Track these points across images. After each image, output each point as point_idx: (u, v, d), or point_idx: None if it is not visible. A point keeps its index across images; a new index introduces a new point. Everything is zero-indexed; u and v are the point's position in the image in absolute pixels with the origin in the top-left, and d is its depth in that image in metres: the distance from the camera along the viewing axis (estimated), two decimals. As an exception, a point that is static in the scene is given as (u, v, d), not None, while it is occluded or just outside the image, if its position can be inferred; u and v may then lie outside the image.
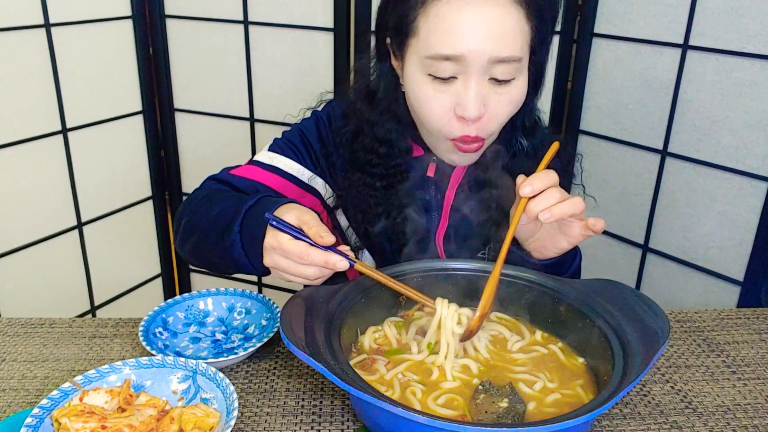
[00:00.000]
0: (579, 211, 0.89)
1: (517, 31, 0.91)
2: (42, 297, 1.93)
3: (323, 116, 1.14)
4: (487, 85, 0.93)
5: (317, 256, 0.83)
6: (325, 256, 0.83)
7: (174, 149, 2.23)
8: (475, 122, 0.93)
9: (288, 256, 0.84)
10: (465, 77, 0.91)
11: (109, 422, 0.75)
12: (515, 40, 0.91)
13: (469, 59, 0.89)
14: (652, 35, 1.68)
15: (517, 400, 0.79)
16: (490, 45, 0.89)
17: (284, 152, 1.12)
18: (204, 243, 0.98)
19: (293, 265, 0.85)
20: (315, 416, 0.84)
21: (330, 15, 1.87)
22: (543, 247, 0.97)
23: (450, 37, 0.89)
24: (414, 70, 0.95)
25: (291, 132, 1.15)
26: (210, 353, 0.96)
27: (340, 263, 0.83)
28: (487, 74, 0.92)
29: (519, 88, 0.95)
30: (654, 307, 0.83)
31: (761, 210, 1.57)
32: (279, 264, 0.86)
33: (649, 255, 1.84)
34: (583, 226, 0.92)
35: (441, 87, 0.93)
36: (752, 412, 0.87)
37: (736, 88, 1.56)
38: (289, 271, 0.86)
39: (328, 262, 0.83)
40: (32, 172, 1.83)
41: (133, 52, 2.03)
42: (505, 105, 0.95)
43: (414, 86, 0.96)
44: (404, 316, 0.96)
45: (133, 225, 2.18)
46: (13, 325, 1.04)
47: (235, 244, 0.91)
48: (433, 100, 0.94)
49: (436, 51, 0.90)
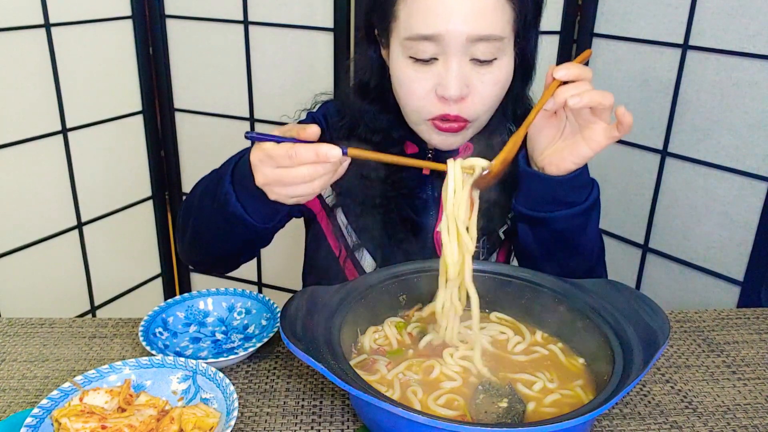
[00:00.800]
0: (608, 104, 0.87)
1: (497, 9, 0.91)
2: (42, 297, 1.93)
3: (319, 116, 1.14)
4: (469, 65, 0.93)
5: (305, 151, 0.78)
6: (313, 148, 0.78)
7: (174, 149, 2.23)
8: (457, 102, 0.93)
9: (277, 162, 0.80)
10: (445, 58, 0.92)
11: (109, 422, 0.75)
12: (495, 18, 0.90)
13: (447, 39, 0.90)
14: (652, 35, 1.68)
15: (517, 401, 0.79)
16: (468, 23, 0.89)
17: None
18: (200, 214, 0.97)
19: (284, 172, 0.80)
20: (315, 416, 0.84)
21: (330, 15, 1.87)
22: (561, 157, 0.92)
23: (427, 17, 0.90)
24: (396, 54, 0.96)
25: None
26: (210, 353, 0.96)
27: (331, 152, 0.77)
28: (468, 54, 0.92)
29: (503, 69, 0.95)
30: (654, 307, 0.83)
31: (761, 210, 1.57)
32: (270, 176, 0.81)
33: (649, 255, 1.84)
34: (606, 129, 0.89)
35: (422, 68, 0.93)
36: (752, 412, 0.87)
37: (736, 88, 1.56)
38: (282, 180, 0.81)
39: (319, 153, 0.77)
40: (32, 172, 1.83)
41: (133, 52, 2.03)
42: (489, 85, 0.94)
43: (396, 70, 0.96)
44: (404, 316, 0.96)
45: (133, 225, 2.18)
46: (13, 325, 1.04)
47: (229, 195, 0.90)
48: (414, 81, 0.94)
49: (414, 32, 0.91)
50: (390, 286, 0.94)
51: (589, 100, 0.86)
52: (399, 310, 0.96)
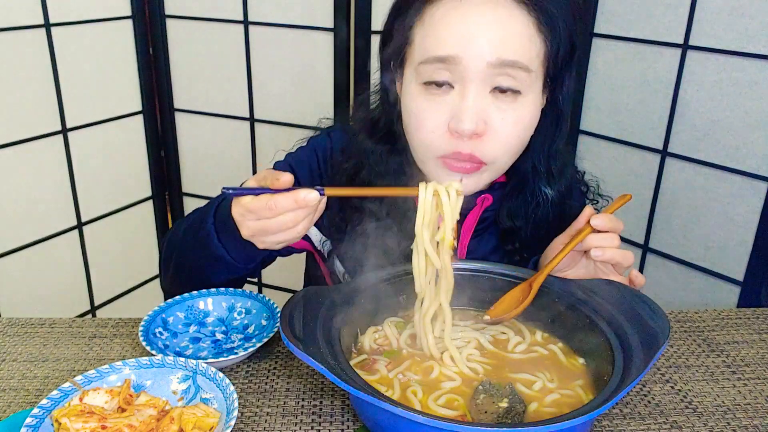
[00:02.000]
0: (626, 264, 0.91)
1: (524, 37, 0.83)
2: (42, 297, 1.93)
3: (320, 153, 1.07)
4: (489, 98, 0.85)
5: (284, 200, 0.77)
6: (291, 195, 0.77)
7: (174, 149, 2.23)
8: (471, 139, 0.86)
9: (258, 214, 0.79)
10: (462, 85, 0.84)
11: (109, 422, 0.75)
12: (521, 45, 0.82)
13: (465, 62, 0.82)
14: (652, 35, 1.68)
15: (517, 401, 0.79)
16: (490, 46, 0.81)
17: None
18: (183, 253, 0.97)
19: (267, 223, 0.79)
20: (315, 416, 0.84)
21: (330, 15, 1.87)
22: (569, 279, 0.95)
23: (445, 37, 0.82)
24: (408, 81, 0.88)
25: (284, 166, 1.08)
26: (210, 353, 0.96)
27: (309, 196, 0.77)
28: (489, 83, 0.84)
29: (528, 107, 0.86)
30: (654, 307, 0.83)
31: (761, 210, 1.57)
32: (254, 228, 0.81)
33: (649, 255, 1.84)
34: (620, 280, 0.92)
35: (435, 98, 0.85)
36: (752, 412, 0.87)
37: (736, 88, 1.56)
38: (266, 229, 0.80)
39: (297, 200, 0.77)
40: (32, 172, 1.83)
41: (133, 52, 2.04)
42: (510, 125, 0.86)
43: (407, 100, 0.89)
44: (404, 317, 0.96)
45: (133, 225, 2.18)
46: (13, 325, 1.04)
47: (210, 236, 0.89)
48: (424, 111, 0.86)
49: (429, 53, 0.84)
50: (390, 286, 0.94)
51: (611, 257, 0.89)
52: (399, 310, 0.96)
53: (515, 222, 1.01)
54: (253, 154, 2.16)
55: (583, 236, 0.91)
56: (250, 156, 2.16)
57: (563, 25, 0.86)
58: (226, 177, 2.21)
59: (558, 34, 0.86)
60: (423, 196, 0.82)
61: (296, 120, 2.04)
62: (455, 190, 0.82)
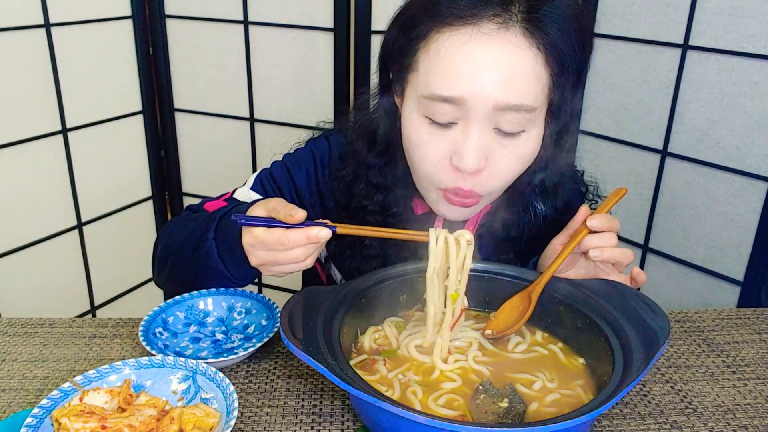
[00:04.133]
0: (626, 262, 0.91)
1: (531, 77, 0.80)
2: (42, 297, 1.93)
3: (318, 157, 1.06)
4: (491, 135, 0.83)
5: (296, 236, 0.79)
6: (304, 232, 0.79)
7: (174, 149, 2.23)
8: (472, 175, 0.85)
9: (269, 247, 0.81)
10: (465, 123, 0.82)
11: (109, 422, 0.75)
12: (528, 87, 0.80)
13: (470, 103, 0.80)
14: (652, 35, 1.68)
15: (517, 401, 0.79)
16: (496, 89, 0.79)
17: (266, 194, 1.05)
18: (180, 260, 0.97)
19: (278, 254, 0.82)
20: (315, 416, 0.84)
21: (330, 15, 1.87)
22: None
23: (450, 76, 0.80)
24: (410, 109, 0.86)
25: (280, 170, 1.08)
26: (210, 353, 0.96)
27: (321, 233, 0.79)
28: (492, 123, 0.82)
29: (530, 142, 0.85)
30: (654, 307, 0.83)
31: (761, 210, 1.57)
32: (265, 259, 0.83)
33: (649, 255, 1.84)
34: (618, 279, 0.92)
35: (438, 131, 0.84)
36: (752, 412, 0.87)
37: (736, 88, 1.56)
38: (277, 261, 0.83)
39: (310, 236, 0.79)
40: (32, 172, 1.83)
41: (133, 52, 2.04)
42: (511, 161, 0.85)
43: (409, 127, 0.87)
44: (404, 316, 0.96)
45: (133, 225, 2.18)
46: (13, 325, 1.04)
47: (210, 251, 0.90)
48: (427, 144, 0.85)
49: (433, 91, 0.81)
50: (390, 286, 0.94)
51: (610, 257, 0.89)
52: (399, 310, 0.96)
53: (509, 233, 1.00)
54: (253, 154, 2.16)
55: (580, 238, 0.91)
56: (250, 156, 2.16)
57: (571, 58, 0.83)
58: (226, 177, 2.21)
59: (566, 68, 0.83)
60: (433, 245, 0.84)
61: (296, 120, 2.04)
62: (466, 240, 0.84)
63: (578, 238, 0.91)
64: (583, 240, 0.90)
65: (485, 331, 0.90)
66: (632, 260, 0.92)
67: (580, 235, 0.91)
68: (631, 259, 0.92)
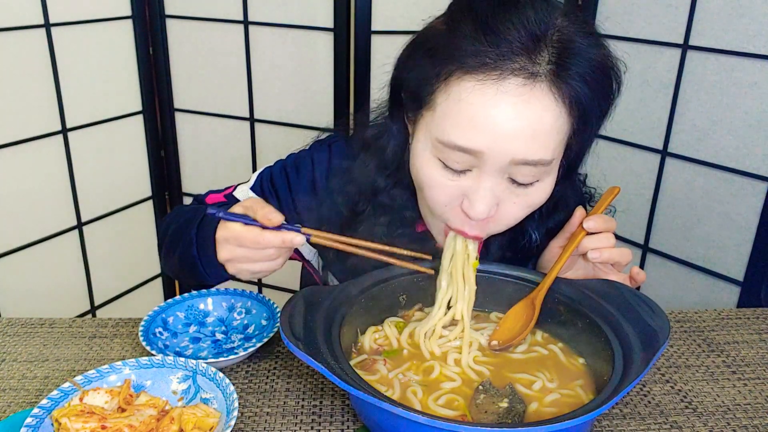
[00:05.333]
0: (625, 262, 0.91)
1: (553, 131, 0.77)
2: (42, 297, 1.93)
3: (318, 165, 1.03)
4: (504, 184, 0.81)
5: (272, 237, 0.80)
6: (280, 235, 0.80)
7: (174, 149, 2.23)
8: (479, 222, 0.83)
9: (243, 243, 0.81)
10: (479, 172, 0.79)
11: (109, 422, 0.75)
12: (549, 142, 0.77)
13: (487, 156, 0.77)
14: (652, 35, 1.68)
15: (517, 401, 0.79)
16: (516, 145, 0.76)
17: (264, 196, 1.04)
18: (170, 248, 0.98)
19: (250, 252, 0.82)
20: (315, 416, 0.84)
21: (330, 15, 1.87)
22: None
23: (470, 128, 0.76)
24: (423, 146, 0.83)
25: (279, 174, 1.06)
26: (210, 353, 0.96)
27: (296, 239, 0.80)
28: (506, 173, 0.79)
29: (543, 190, 0.83)
30: (654, 307, 0.83)
31: (761, 210, 1.57)
32: (236, 254, 0.83)
33: (649, 255, 1.84)
34: (618, 279, 0.92)
35: (451, 176, 0.81)
36: (752, 412, 0.87)
37: (736, 88, 1.56)
38: (248, 258, 0.83)
39: (285, 240, 0.80)
40: (32, 172, 1.83)
41: (133, 52, 2.04)
42: (521, 209, 0.84)
43: (420, 164, 0.84)
44: (404, 316, 0.96)
45: (133, 225, 2.18)
46: (13, 325, 1.04)
47: (191, 243, 0.91)
48: (439, 186, 0.82)
49: (450, 139, 0.78)
50: (390, 286, 0.94)
51: (608, 257, 0.89)
52: (399, 310, 0.96)
53: (504, 254, 0.99)
54: (253, 154, 2.16)
55: (578, 241, 0.91)
56: (250, 156, 2.16)
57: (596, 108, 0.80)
58: (226, 177, 2.21)
59: (590, 117, 0.80)
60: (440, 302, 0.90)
61: (296, 120, 2.04)
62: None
63: (576, 241, 0.91)
64: (581, 242, 0.91)
65: (491, 342, 0.90)
66: (631, 260, 0.92)
67: (578, 238, 0.91)
68: (630, 258, 0.92)
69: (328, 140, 1.06)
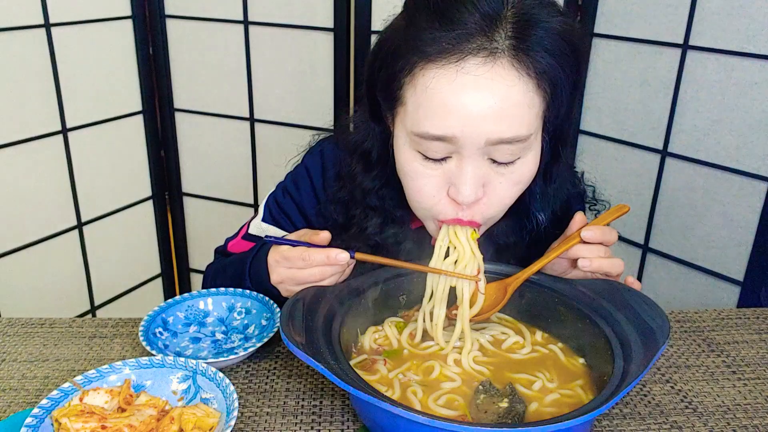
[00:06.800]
0: (616, 273, 0.91)
1: (524, 106, 0.77)
2: (42, 297, 1.93)
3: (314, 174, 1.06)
4: (486, 165, 0.81)
5: (317, 254, 0.87)
6: (324, 252, 0.86)
7: (174, 149, 2.23)
8: (471, 206, 0.83)
9: (290, 262, 0.89)
10: (459, 157, 0.80)
11: (109, 422, 0.75)
12: (521, 117, 0.77)
13: (462, 140, 0.77)
14: (652, 35, 1.68)
15: (517, 401, 0.79)
16: (488, 125, 0.76)
17: (277, 222, 1.09)
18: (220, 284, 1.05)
19: (297, 271, 0.89)
20: (315, 416, 0.84)
21: (330, 15, 1.87)
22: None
23: (439, 115, 0.77)
24: (402, 142, 0.84)
25: (283, 196, 1.09)
26: (210, 353, 0.96)
27: (340, 255, 0.86)
28: (486, 154, 0.80)
29: (526, 167, 0.83)
30: (654, 307, 0.83)
31: (761, 210, 1.57)
32: (284, 275, 0.90)
33: (649, 255, 1.84)
34: None
35: (432, 165, 0.82)
36: (752, 412, 0.87)
37: (736, 88, 1.56)
38: (295, 278, 0.89)
39: (329, 257, 0.86)
40: (32, 172, 1.83)
41: (133, 52, 2.04)
42: (509, 187, 0.83)
43: (402, 160, 0.85)
44: (404, 316, 0.96)
45: (133, 225, 2.18)
46: (13, 325, 1.04)
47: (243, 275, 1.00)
48: (423, 177, 0.83)
49: (424, 129, 0.78)
50: (390, 286, 0.94)
51: (598, 267, 0.89)
52: (399, 310, 0.96)
53: (509, 239, 0.99)
54: (253, 154, 2.16)
55: (572, 244, 0.90)
56: (250, 156, 2.16)
57: (564, 77, 0.79)
58: (226, 177, 2.21)
59: (560, 87, 0.80)
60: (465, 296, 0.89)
61: (296, 120, 2.04)
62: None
63: (569, 244, 0.90)
64: (574, 248, 0.90)
65: (452, 311, 0.89)
66: (622, 271, 0.91)
67: (572, 241, 0.90)
68: (621, 269, 0.91)
69: (319, 145, 1.09)
